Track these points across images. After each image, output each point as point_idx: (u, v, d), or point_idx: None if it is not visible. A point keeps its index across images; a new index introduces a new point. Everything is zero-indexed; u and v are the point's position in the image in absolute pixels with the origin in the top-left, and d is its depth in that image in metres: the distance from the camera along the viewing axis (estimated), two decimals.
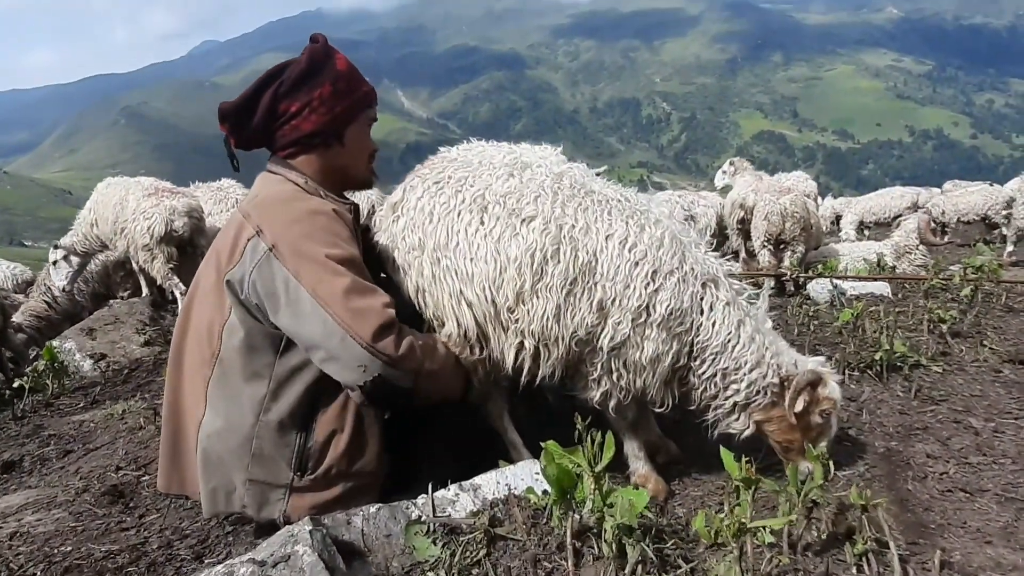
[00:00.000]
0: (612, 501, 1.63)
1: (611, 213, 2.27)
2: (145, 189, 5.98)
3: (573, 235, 2.21)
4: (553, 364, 2.28)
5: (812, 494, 1.81)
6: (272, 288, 1.98)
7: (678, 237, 2.33)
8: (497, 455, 2.45)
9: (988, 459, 2.57)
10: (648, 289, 2.19)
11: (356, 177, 2.43)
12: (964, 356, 3.65)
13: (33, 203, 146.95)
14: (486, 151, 2.49)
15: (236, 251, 2.06)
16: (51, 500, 2.85)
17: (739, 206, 7.82)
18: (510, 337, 2.26)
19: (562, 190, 2.29)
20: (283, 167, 2.27)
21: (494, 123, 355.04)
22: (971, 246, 10.98)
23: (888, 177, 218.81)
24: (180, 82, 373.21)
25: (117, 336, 5.77)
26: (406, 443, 2.35)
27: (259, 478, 2.12)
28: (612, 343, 2.21)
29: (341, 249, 2.03)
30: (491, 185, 2.30)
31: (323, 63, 2.22)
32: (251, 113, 2.18)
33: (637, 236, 2.23)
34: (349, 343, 1.92)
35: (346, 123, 2.29)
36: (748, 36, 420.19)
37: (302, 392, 2.09)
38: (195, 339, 2.20)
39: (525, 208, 2.23)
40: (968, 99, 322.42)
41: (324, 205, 2.15)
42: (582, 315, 2.20)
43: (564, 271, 2.18)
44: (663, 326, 2.21)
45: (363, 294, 1.98)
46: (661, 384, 2.32)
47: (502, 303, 2.22)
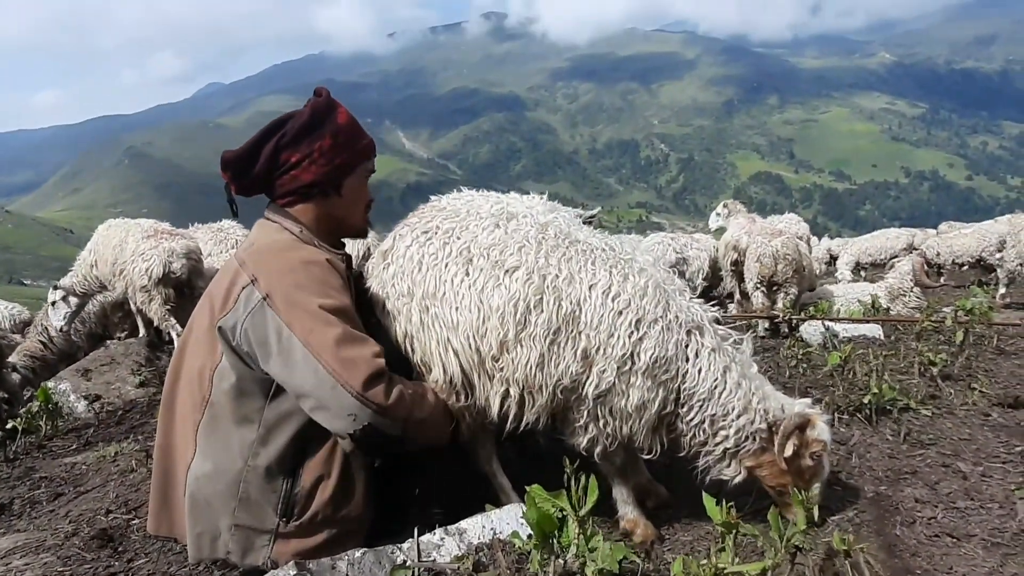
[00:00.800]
0: (594, 546, 1.64)
1: (595, 263, 2.32)
2: (144, 231, 6.06)
3: (556, 285, 2.25)
4: (538, 411, 2.31)
5: (795, 539, 1.82)
6: (264, 336, 2.02)
7: (662, 286, 2.37)
8: (487, 496, 2.46)
9: (976, 503, 2.58)
10: (632, 338, 2.23)
11: (352, 226, 2.48)
12: (954, 399, 3.67)
13: (34, 242, 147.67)
14: (474, 200, 2.56)
15: (230, 298, 2.09)
16: (40, 544, 2.84)
17: (732, 248, 7.90)
18: (495, 385, 2.30)
19: (546, 240, 2.34)
20: (280, 215, 2.32)
21: (494, 164, 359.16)
22: (967, 287, 11.05)
23: (885, 218, 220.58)
24: (184, 123, 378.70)
25: (112, 377, 5.78)
26: (393, 485, 2.36)
27: (245, 523, 2.13)
28: (597, 391, 2.24)
29: (333, 299, 2.07)
30: (477, 236, 2.36)
31: (325, 116, 2.28)
32: (253, 162, 2.24)
33: (620, 285, 2.28)
34: (340, 392, 1.95)
35: (345, 174, 2.34)
36: (744, 79, 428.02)
37: (291, 438, 2.11)
38: (187, 383, 2.23)
39: (509, 259, 2.29)
40: (962, 141, 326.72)
41: (318, 255, 2.19)
42: (566, 364, 2.24)
43: (547, 320, 2.22)
44: (648, 374, 2.24)
45: (354, 344, 2.01)
46: (648, 431, 2.34)
47: (486, 351, 2.26)
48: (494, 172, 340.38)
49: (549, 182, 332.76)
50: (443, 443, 2.35)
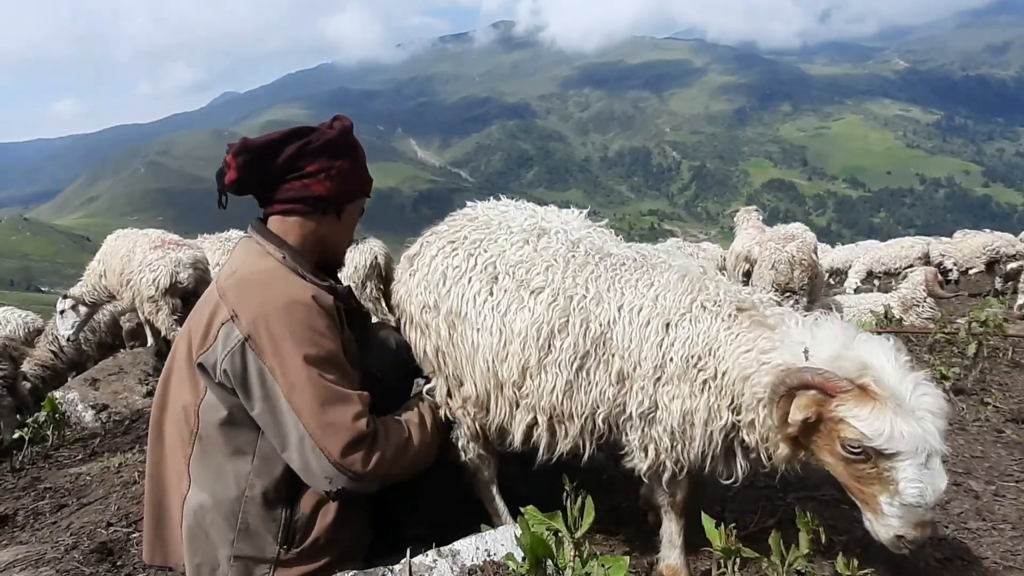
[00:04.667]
0: (589, 570, 1.60)
1: (624, 279, 2.20)
2: (152, 241, 6.09)
3: (584, 306, 2.15)
4: (575, 440, 2.20)
5: (797, 564, 1.77)
6: (246, 380, 2.00)
7: (692, 278, 2.20)
8: (480, 515, 2.42)
9: (987, 524, 2.52)
10: (663, 343, 2.08)
11: (336, 255, 2.48)
12: (966, 415, 3.60)
13: (51, 249, 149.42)
14: (508, 213, 2.49)
15: (209, 334, 2.06)
16: (40, 557, 2.84)
17: (744, 259, 7.84)
18: (520, 413, 2.22)
19: (575, 259, 2.25)
20: (265, 238, 2.27)
21: (506, 172, 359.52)
22: (982, 297, 10.89)
23: (900, 225, 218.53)
24: (199, 132, 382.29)
25: (120, 387, 5.81)
26: (386, 502, 2.33)
27: (244, 553, 2.10)
28: (641, 409, 2.10)
29: (318, 347, 2.03)
30: (504, 252, 2.30)
31: (350, 142, 2.33)
32: (274, 155, 2.20)
33: (645, 296, 2.15)
34: (319, 455, 1.96)
35: (348, 200, 2.37)
36: (755, 87, 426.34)
37: (286, 467, 2.08)
38: (173, 416, 2.21)
39: (535, 279, 2.21)
40: (978, 148, 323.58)
41: (303, 292, 2.12)
42: (600, 389, 2.13)
43: (573, 345, 2.13)
44: (683, 378, 2.06)
45: (335, 405, 1.99)
46: (710, 449, 2.08)
47: (506, 377, 2.19)
48: (506, 180, 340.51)
49: (561, 190, 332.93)
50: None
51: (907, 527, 1.74)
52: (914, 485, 1.69)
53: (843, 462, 1.79)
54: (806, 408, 1.77)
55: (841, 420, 1.74)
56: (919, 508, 1.71)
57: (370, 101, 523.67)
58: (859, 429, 1.70)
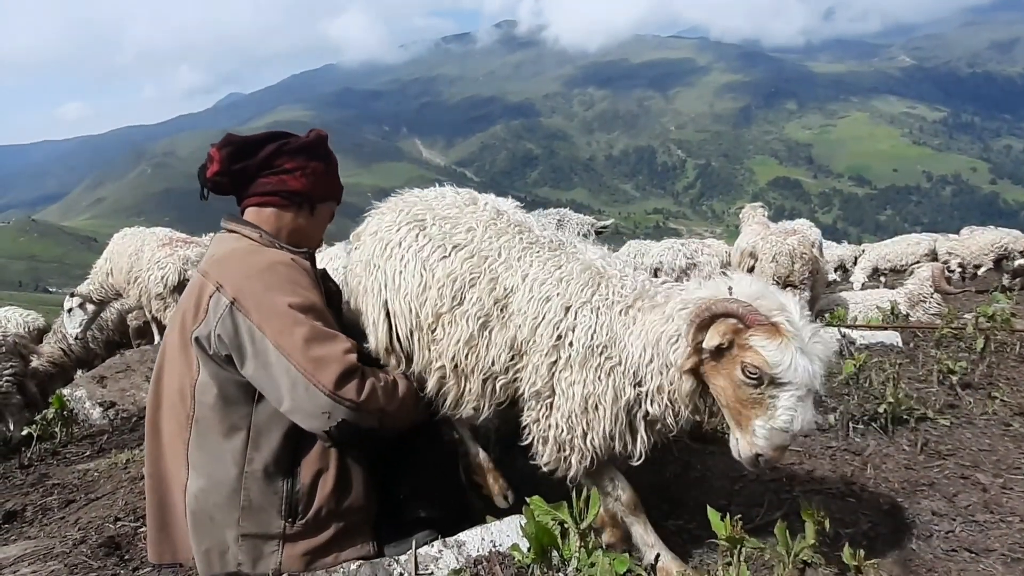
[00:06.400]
0: (594, 561, 1.60)
1: (537, 253, 2.32)
2: (159, 240, 6.13)
3: (494, 267, 2.27)
4: (476, 400, 2.29)
5: (803, 554, 1.77)
6: (238, 341, 2.05)
7: (597, 269, 2.30)
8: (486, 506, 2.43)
9: (995, 517, 2.51)
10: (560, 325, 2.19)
11: (309, 247, 2.53)
12: (973, 408, 3.59)
13: (59, 250, 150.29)
14: (446, 191, 2.63)
15: (200, 309, 2.12)
16: (48, 552, 2.85)
17: (748, 255, 7.80)
18: (435, 361, 2.32)
19: (496, 224, 2.38)
20: (238, 224, 2.37)
21: (511, 171, 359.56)
22: (989, 292, 10.83)
23: (907, 223, 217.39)
24: (205, 133, 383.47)
25: (127, 384, 5.83)
26: (386, 486, 2.34)
27: (251, 531, 2.12)
28: (534, 389, 2.21)
29: (301, 297, 2.11)
30: (433, 207, 2.48)
31: (324, 148, 2.49)
32: (254, 151, 2.34)
33: (550, 273, 2.27)
34: (313, 392, 1.99)
35: (321, 200, 2.50)
36: (760, 85, 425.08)
37: (282, 437, 2.12)
38: (169, 406, 2.24)
39: (457, 236, 2.35)
40: (985, 145, 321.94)
41: (282, 255, 2.24)
42: (498, 350, 2.23)
43: (480, 300, 2.24)
44: (585, 364, 2.16)
45: (324, 342, 2.05)
46: (616, 428, 2.17)
47: (424, 320, 2.30)
48: (510, 179, 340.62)
49: (565, 189, 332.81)
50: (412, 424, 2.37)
51: (769, 448, 1.92)
52: (788, 412, 1.90)
53: (734, 385, 1.97)
54: (722, 335, 1.93)
55: (750, 348, 1.91)
56: (786, 433, 1.91)
57: (374, 101, 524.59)
58: (764, 357, 1.89)
